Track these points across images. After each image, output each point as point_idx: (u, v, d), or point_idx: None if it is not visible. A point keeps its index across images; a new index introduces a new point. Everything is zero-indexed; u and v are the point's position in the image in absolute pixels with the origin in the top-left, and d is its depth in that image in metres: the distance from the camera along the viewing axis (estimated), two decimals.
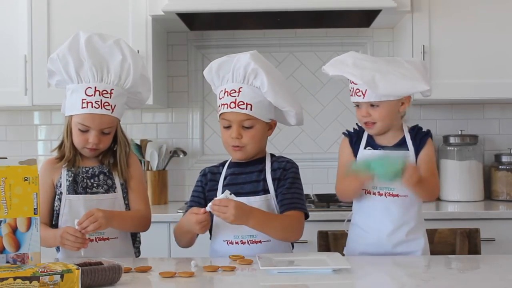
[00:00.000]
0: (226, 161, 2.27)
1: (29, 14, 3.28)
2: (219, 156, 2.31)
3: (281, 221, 2.11)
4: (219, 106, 2.17)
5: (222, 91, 2.16)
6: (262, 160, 2.22)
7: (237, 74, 2.13)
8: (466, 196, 3.42)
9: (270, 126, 2.22)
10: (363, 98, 2.18)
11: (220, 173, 2.23)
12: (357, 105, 2.24)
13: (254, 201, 2.13)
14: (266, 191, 2.17)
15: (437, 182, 2.26)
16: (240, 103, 2.11)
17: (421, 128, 2.28)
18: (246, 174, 2.20)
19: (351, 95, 2.24)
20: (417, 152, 2.22)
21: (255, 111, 2.13)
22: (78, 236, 2.00)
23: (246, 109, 2.12)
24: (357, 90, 2.20)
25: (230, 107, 2.12)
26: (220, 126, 2.19)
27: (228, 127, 2.15)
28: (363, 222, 2.24)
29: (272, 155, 2.25)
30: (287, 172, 2.18)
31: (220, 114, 2.17)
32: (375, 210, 2.20)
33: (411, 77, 2.16)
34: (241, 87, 2.12)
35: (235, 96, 2.12)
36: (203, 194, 2.23)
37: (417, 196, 2.20)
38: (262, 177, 2.18)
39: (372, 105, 2.19)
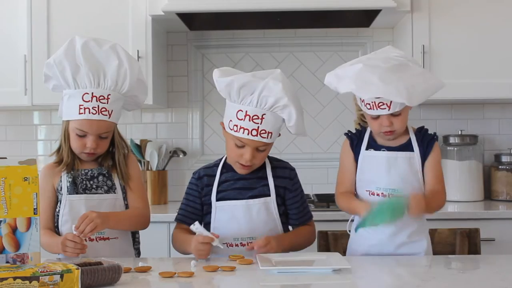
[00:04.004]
0: (219, 161, 2.26)
1: (29, 14, 3.28)
2: (219, 156, 2.30)
3: (304, 240, 2.26)
4: (236, 126, 2.09)
5: (241, 111, 2.09)
6: (261, 166, 2.21)
7: (264, 102, 2.07)
8: (466, 196, 3.42)
9: None
10: (389, 110, 2.11)
11: (215, 176, 2.22)
12: (377, 116, 2.16)
13: (253, 204, 2.16)
14: (266, 194, 2.18)
15: (444, 195, 2.25)
16: (262, 132, 2.09)
17: (427, 130, 2.27)
18: (245, 180, 2.20)
19: (369, 109, 2.14)
20: (423, 156, 2.21)
21: (273, 137, 2.13)
22: (77, 241, 2.01)
23: (267, 137, 2.10)
24: (381, 104, 2.10)
25: (252, 135, 2.08)
26: (229, 140, 2.15)
27: (241, 146, 2.12)
28: None
29: (270, 159, 2.25)
30: (293, 182, 2.24)
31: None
32: None
33: (427, 76, 2.15)
34: (264, 114, 2.08)
35: (257, 123, 2.08)
36: (199, 199, 2.23)
37: None
38: (263, 183, 2.19)
39: (393, 114, 2.14)
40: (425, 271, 1.94)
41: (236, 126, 2.10)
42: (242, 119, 2.09)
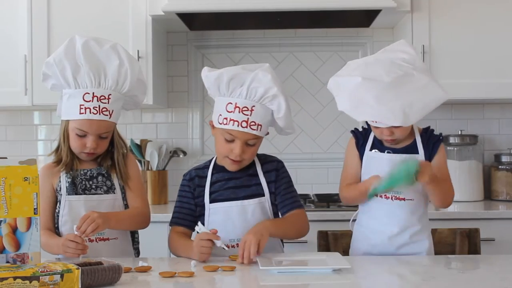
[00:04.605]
0: (209, 162, 2.26)
1: (29, 14, 3.28)
2: None
3: (292, 223, 2.17)
4: (226, 119, 2.09)
5: (231, 104, 2.09)
6: (251, 164, 2.21)
7: (253, 93, 2.08)
8: (466, 196, 3.42)
9: None
10: (387, 124, 2.11)
11: (206, 177, 2.22)
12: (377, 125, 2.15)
13: (248, 204, 2.15)
14: (260, 194, 2.18)
15: (452, 187, 2.23)
16: (252, 124, 2.09)
17: (433, 131, 2.26)
18: (237, 179, 2.19)
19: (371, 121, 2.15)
20: (428, 158, 2.20)
21: (262, 130, 2.13)
22: (79, 241, 2.00)
23: (257, 130, 2.10)
24: None
25: (242, 126, 2.08)
26: (218, 135, 2.14)
27: (231, 141, 2.12)
28: (368, 224, 2.24)
29: (258, 156, 2.24)
30: (279, 173, 2.22)
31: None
32: (381, 212, 2.19)
33: (430, 88, 2.09)
34: (254, 106, 2.08)
35: (247, 115, 2.08)
36: (193, 200, 2.22)
37: (433, 199, 2.19)
38: (254, 182, 2.19)
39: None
40: (425, 271, 1.94)
41: (226, 119, 2.10)
42: (231, 111, 2.09)
